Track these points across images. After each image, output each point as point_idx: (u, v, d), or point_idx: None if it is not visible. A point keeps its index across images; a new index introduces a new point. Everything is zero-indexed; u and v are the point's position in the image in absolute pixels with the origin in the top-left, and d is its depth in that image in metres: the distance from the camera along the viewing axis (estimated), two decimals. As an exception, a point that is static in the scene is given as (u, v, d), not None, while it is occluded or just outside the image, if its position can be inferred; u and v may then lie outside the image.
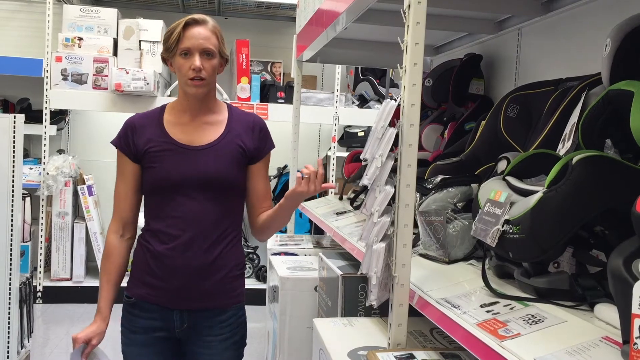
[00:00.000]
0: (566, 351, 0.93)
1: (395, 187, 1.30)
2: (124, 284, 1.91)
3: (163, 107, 1.90)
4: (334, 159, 5.10)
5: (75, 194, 4.80)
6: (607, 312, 1.03)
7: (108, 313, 1.87)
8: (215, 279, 1.80)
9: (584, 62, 1.79)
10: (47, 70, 4.60)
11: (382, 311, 1.68)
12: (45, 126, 4.65)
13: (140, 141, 1.83)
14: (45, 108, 4.63)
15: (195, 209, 1.78)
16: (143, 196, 1.89)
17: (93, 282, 4.77)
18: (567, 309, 1.10)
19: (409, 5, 1.25)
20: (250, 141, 1.86)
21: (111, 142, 1.88)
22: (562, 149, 1.36)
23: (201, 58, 1.77)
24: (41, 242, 4.67)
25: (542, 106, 1.69)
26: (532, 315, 1.09)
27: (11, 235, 2.70)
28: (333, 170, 5.10)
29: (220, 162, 1.81)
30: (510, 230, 1.16)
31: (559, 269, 1.17)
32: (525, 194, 1.20)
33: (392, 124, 1.33)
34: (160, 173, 1.79)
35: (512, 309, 1.14)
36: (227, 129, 1.85)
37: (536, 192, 1.15)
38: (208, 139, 1.82)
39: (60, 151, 5.08)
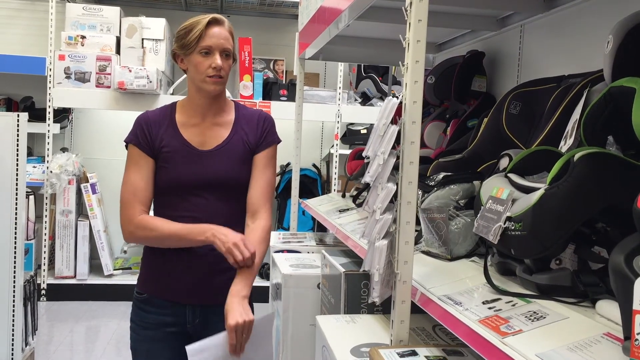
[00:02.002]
0: (568, 347, 0.93)
1: (397, 184, 1.30)
2: (134, 281, 1.92)
3: (173, 106, 1.92)
4: (336, 156, 5.10)
5: (79, 192, 4.81)
6: (609, 308, 1.03)
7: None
8: (227, 275, 1.81)
9: (586, 58, 1.79)
10: (50, 69, 4.61)
11: (384, 308, 1.69)
12: (49, 124, 4.66)
13: (156, 138, 1.85)
14: (49, 106, 4.64)
15: (206, 208, 1.81)
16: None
17: (96, 280, 4.79)
18: (568, 305, 1.11)
19: (411, 3, 1.25)
20: (254, 135, 1.88)
21: (126, 140, 1.88)
22: (564, 145, 1.36)
23: (220, 57, 1.80)
24: (45, 240, 4.68)
25: (545, 103, 1.69)
26: (534, 312, 1.09)
27: (15, 233, 2.71)
28: (336, 167, 5.11)
29: (229, 164, 1.84)
30: (512, 227, 1.17)
31: (560, 265, 1.17)
32: (527, 190, 1.20)
33: (394, 121, 1.33)
34: (171, 175, 1.82)
35: (514, 305, 1.14)
36: (234, 129, 1.88)
37: (538, 189, 1.15)
38: (217, 141, 1.86)
39: (64, 149, 5.10)
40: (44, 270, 4.67)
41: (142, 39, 4.76)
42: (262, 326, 1.78)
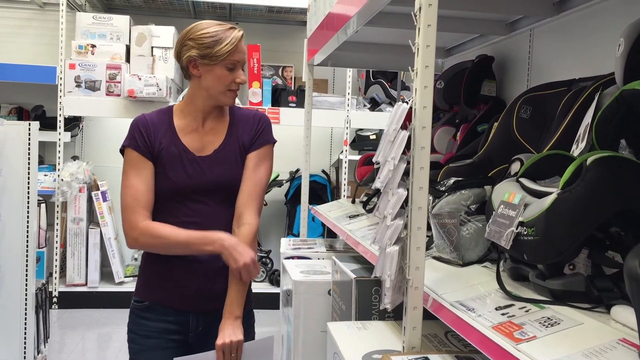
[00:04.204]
0: (583, 354, 0.92)
1: (408, 189, 1.30)
2: (131, 288, 1.91)
3: (170, 110, 1.89)
4: (346, 162, 5.10)
5: (90, 200, 4.84)
6: (624, 314, 1.02)
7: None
8: (227, 281, 1.80)
9: (597, 62, 1.77)
10: (61, 78, 4.65)
11: (396, 314, 1.68)
12: (60, 133, 4.70)
13: (155, 141, 1.82)
14: (60, 115, 4.68)
15: (207, 213, 1.80)
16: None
17: (107, 288, 4.80)
18: (583, 311, 1.09)
19: (420, 8, 1.25)
20: (248, 135, 1.88)
21: (124, 145, 1.83)
22: (576, 149, 1.35)
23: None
24: (56, 247, 4.71)
25: (555, 107, 1.68)
26: (548, 318, 1.08)
27: (27, 241, 2.73)
28: (345, 173, 5.10)
29: (227, 168, 1.84)
30: (525, 232, 1.16)
31: (574, 270, 1.16)
32: (540, 195, 1.19)
33: (404, 126, 1.33)
34: (171, 180, 1.81)
35: (527, 311, 1.13)
36: (229, 132, 1.88)
37: (550, 193, 1.14)
38: (214, 146, 1.86)
39: (75, 157, 5.13)
40: (56, 278, 4.69)
41: (152, 47, 4.78)
42: (261, 348, 1.79)
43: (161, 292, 1.84)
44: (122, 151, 1.86)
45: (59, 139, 4.70)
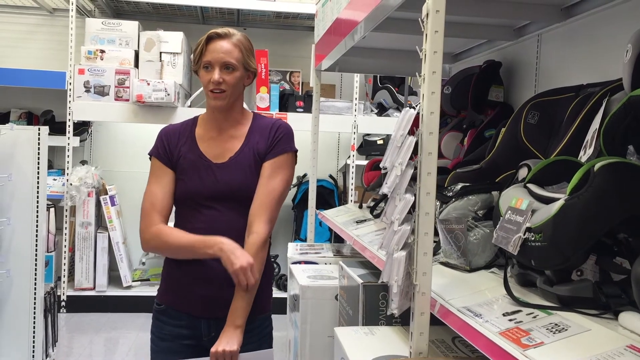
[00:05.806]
0: (590, 360, 0.92)
1: (415, 195, 1.30)
2: (152, 292, 1.94)
3: (195, 120, 1.95)
4: (353, 167, 5.10)
5: (98, 204, 4.86)
6: (632, 320, 1.02)
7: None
8: None
9: (605, 67, 1.77)
10: (70, 83, 4.68)
11: (403, 320, 1.67)
12: (69, 137, 4.73)
13: (175, 150, 1.88)
14: (69, 120, 4.71)
15: (219, 220, 1.81)
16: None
17: (115, 292, 4.82)
18: (590, 317, 1.09)
19: (427, 14, 1.25)
20: (264, 144, 1.88)
21: (149, 154, 1.91)
22: (584, 155, 1.35)
23: (221, 71, 1.80)
24: (65, 252, 4.73)
25: (563, 113, 1.67)
26: (556, 324, 1.08)
27: (36, 245, 2.74)
28: (352, 178, 5.10)
29: (240, 175, 1.84)
30: (532, 238, 1.16)
31: (582, 276, 1.15)
32: (547, 201, 1.19)
33: (411, 132, 1.33)
34: (186, 187, 1.84)
35: (535, 317, 1.13)
36: (245, 140, 1.89)
37: (558, 199, 1.14)
38: (230, 153, 1.87)
39: (83, 162, 5.15)
40: (64, 282, 4.72)
41: (160, 53, 4.81)
42: None
43: (174, 296, 1.87)
44: (150, 159, 1.94)
45: (68, 144, 4.73)
